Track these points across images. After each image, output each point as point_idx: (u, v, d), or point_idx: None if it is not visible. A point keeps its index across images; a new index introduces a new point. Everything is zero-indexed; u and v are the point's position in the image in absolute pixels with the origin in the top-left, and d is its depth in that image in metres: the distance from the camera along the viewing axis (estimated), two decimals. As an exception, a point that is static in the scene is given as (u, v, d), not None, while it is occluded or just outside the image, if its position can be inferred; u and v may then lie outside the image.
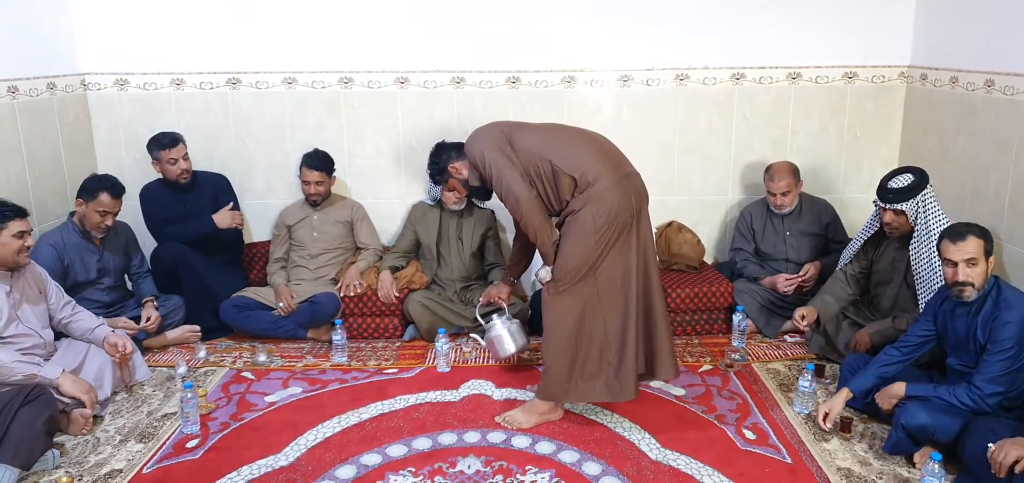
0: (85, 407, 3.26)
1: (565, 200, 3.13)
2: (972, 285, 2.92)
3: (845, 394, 3.23)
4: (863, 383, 3.22)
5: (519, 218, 3.23)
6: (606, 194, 3.04)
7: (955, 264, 2.93)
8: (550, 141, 3.20)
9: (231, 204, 4.44)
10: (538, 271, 3.29)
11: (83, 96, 4.57)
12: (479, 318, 3.87)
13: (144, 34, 4.50)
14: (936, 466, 2.69)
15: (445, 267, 4.46)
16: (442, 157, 3.85)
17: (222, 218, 4.33)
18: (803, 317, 3.82)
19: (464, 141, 3.51)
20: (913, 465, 2.99)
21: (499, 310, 3.84)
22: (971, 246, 2.90)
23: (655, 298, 3.20)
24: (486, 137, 3.27)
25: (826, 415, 3.20)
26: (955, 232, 2.97)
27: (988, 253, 2.93)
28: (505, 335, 3.69)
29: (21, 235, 3.29)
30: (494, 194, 3.34)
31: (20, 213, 3.31)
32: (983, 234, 2.93)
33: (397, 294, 4.24)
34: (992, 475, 2.64)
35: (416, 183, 4.69)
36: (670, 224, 4.66)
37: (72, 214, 3.92)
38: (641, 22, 4.50)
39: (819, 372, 3.72)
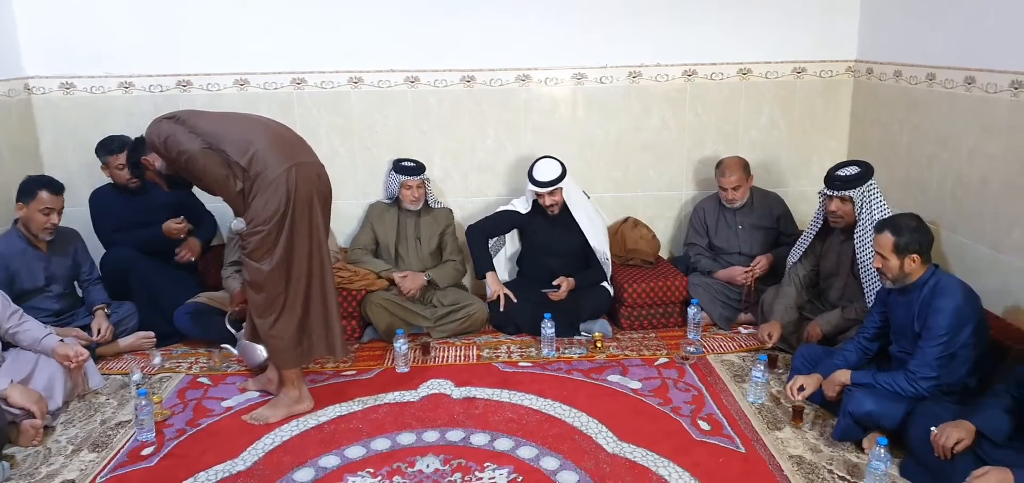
0: (35, 418, 3.20)
1: (238, 188, 3.21)
2: (885, 275, 3.11)
3: (818, 378, 3.27)
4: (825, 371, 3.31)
5: (195, 175, 3.32)
6: (274, 183, 3.13)
7: (876, 252, 3.13)
8: (223, 128, 3.27)
9: (192, 210, 4.44)
10: (231, 223, 3.44)
11: (27, 100, 4.47)
12: (228, 325, 3.86)
13: (90, 36, 4.41)
14: (882, 450, 2.78)
15: (403, 266, 4.46)
16: (137, 152, 3.62)
17: (169, 227, 4.27)
18: (770, 335, 3.90)
19: None
20: (862, 451, 3.07)
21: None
22: (882, 240, 3.08)
23: (328, 284, 3.39)
24: (158, 120, 3.38)
25: (802, 387, 3.26)
26: (878, 224, 3.17)
27: (901, 249, 3.02)
28: (259, 345, 3.55)
29: (-36, 245, 3.22)
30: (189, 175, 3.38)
31: (-37, 222, 3.24)
32: (899, 232, 3.03)
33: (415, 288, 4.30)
34: (936, 458, 2.73)
35: (372, 183, 4.68)
36: (626, 220, 4.72)
37: (16, 222, 3.83)
38: (594, 20, 4.54)
39: (772, 363, 3.79)
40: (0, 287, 3.56)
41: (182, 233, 4.32)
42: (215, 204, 4.38)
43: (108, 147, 4.18)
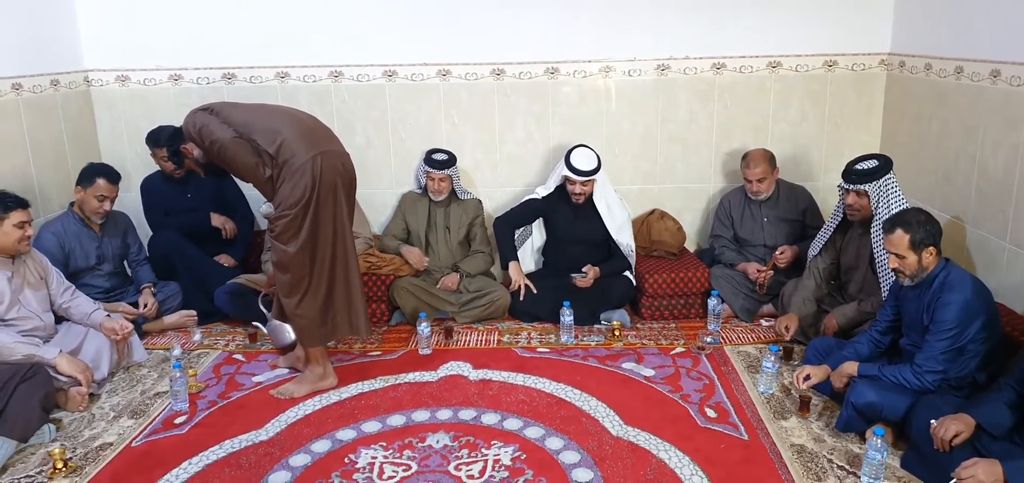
0: (81, 386, 3.46)
1: (267, 174, 3.37)
2: (903, 273, 3.07)
3: (826, 369, 3.31)
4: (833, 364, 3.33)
5: (227, 162, 3.48)
6: (300, 170, 3.29)
7: (891, 253, 3.07)
8: (253, 118, 3.44)
9: (235, 199, 4.71)
10: (261, 208, 3.62)
11: (86, 92, 4.78)
12: (261, 305, 4.00)
13: (144, 32, 4.70)
14: (878, 440, 2.79)
15: (433, 255, 4.61)
16: (175, 141, 3.87)
17: (216, 218, 4.56)
18: (787, 328, 3.92)
19: None
20: (865, 442, 3.07)
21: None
22: (895, 239, 3.04)
23: (351, 267, 3.54)
24: (194, 111, 3.58)
25: (808, 376, 3.31)
26: (887, 224, 3.11)
27: (917, 244, 3.00)
28: (287, 325, 3.75)
29: (21, 225, 3.48)
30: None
31: (21, 204, 3.51)
32: (912, 228, 3.00)
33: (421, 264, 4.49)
34: (935, 450, 2.73)
35: (405, 173, 4.84)
36: (652, 212, 4.76)
37: (72, 204, 4.12)
38: (623, 14, 4.60)
39: (787, 355, 3.82)
40: (56, 265, 3.83)
41: (226, 231, 4.59)
42: (247, 190, 4.61)
43: (156, 138, 4.44)
